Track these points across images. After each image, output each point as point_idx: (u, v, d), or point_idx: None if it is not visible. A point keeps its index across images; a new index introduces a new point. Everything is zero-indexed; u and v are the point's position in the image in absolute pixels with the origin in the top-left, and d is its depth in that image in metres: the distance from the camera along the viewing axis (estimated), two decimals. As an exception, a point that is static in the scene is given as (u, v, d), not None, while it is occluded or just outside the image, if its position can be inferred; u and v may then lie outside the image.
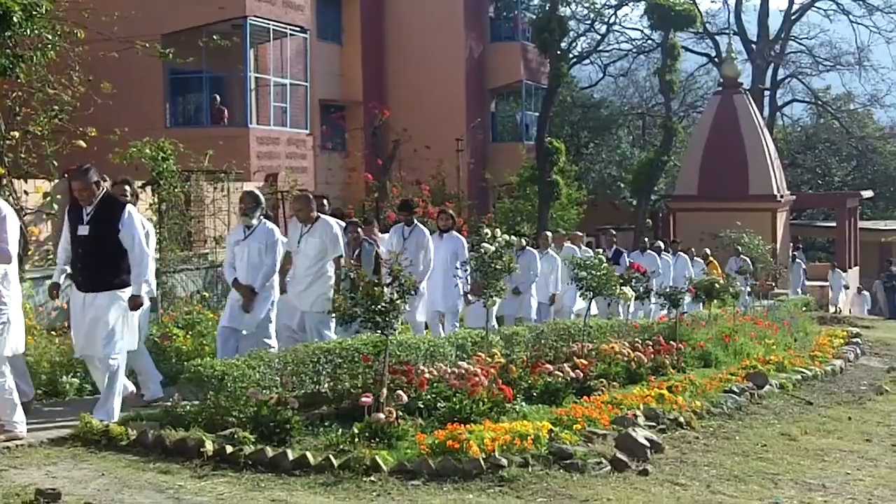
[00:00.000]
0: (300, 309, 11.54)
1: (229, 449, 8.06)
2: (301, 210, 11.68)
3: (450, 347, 11.52)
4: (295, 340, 11.35)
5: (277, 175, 23.52)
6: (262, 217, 11.41)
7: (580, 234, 21.06)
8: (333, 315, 11.17)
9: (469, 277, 13.93)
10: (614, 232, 22.90)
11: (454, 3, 35.53)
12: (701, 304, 18.96)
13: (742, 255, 26.86)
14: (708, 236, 31.97)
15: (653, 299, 16.58)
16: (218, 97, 26.29)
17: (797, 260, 35.11)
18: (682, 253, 23.02)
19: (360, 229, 13.03)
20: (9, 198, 14.04)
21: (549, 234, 19.05)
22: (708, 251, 25.75)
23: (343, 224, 13.26)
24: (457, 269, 12.75)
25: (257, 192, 11.72)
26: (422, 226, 14.35)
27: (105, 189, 9.75)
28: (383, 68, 35.49)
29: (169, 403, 9.42)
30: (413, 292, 9.74)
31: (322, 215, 11.89)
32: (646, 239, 22.24)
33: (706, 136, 37.67)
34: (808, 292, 33.21)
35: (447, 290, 14.24)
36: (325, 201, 13.28)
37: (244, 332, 11.20)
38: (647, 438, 9.13)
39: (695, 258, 24.24)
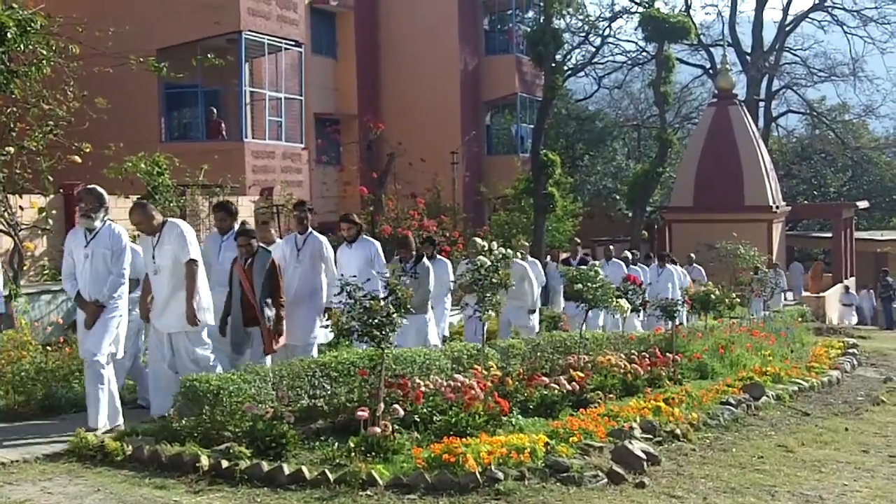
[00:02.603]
0: (165, 332, 10.22)
1: (225, 463, 8.04)
2: (141, 222, 10.11)
3: (445, 360, 11.51)
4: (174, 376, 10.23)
5: (273, 189, 23.52)
6: (106, 219, 9.92)
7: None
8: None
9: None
10: (578, 240, 22.72)
11: (448, 17, 35.59)
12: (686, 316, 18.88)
13: (696, 265, 26.81)
14: (704, 247, 32.01)
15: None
16: (215, 110, 26.32)
17: (778, 269, 35.04)
18: (668, 265, 22.61)
19: (252, 238, 11.22)
20: (4, 213, 14.06)
21: (477, 240, 16.19)
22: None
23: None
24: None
25: (100, 190, 10.11)
26: (318, 233, 12.63)
27: None
28: (378, 82, 35.52)
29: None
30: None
31: (169, 218, 10.46)
32: (611, 247, 21.92)
33: (701, 147, 37.79)
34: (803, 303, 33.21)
35: None
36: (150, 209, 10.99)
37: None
38: (643, 451, 9.12)
39: (683, 268, 24.07)
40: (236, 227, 11.69)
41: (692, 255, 26.46)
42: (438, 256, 14.99)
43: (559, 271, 18.97)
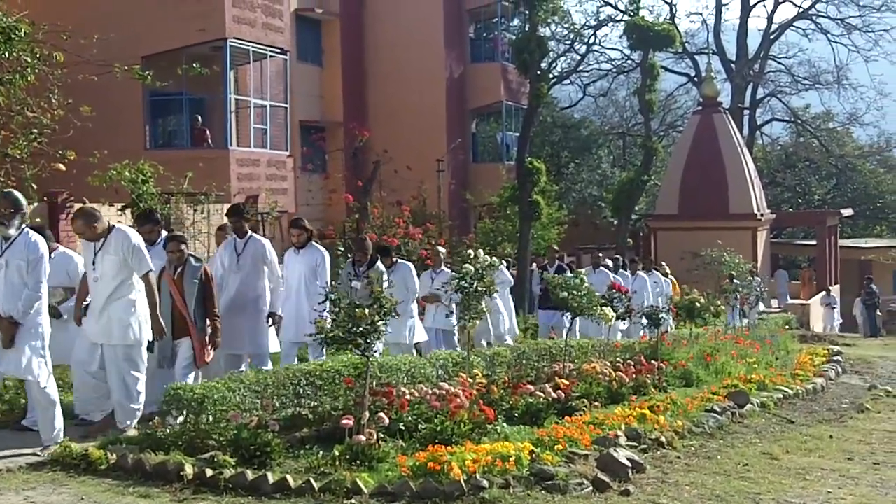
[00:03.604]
0: (99, 342, 9.68)
1: (209, 472, 8.01)
2: (84, 231, 9.60)
3: (431, 368, 11.51)
4: (95, 382, 9.81)
5: (258, 197, 23.47)
6: (23, 226, 9.10)
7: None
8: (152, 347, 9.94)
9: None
10: (556, 248, 22.62)
11: (434, 24, 35.62)
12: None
13: (669, 276, 26.52)
14: (689, 255, 32.05)
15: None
16: (199, 117, 26.27)
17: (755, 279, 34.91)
18: (640, 272, 22.35)
19: (183, 245, 10.77)
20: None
21: (441, 249, 16.45)
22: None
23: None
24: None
25: (17, 194, 9.34)
26: (259, 237, 12.20)
27: None
28: (363, 89, 35.53)
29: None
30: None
31: (117, 225, 9.93)
32: (600, 255, 21.79)
33: (686, 155, 37.90)
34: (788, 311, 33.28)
35: (307, 315, 11.96)
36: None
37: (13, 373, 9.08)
38: (628, 458, 9.12)
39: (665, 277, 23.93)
40: (164, 234, 11.41)
41: (664, 263, 26.16)
42: (400, 261, 14.57)
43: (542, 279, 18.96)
